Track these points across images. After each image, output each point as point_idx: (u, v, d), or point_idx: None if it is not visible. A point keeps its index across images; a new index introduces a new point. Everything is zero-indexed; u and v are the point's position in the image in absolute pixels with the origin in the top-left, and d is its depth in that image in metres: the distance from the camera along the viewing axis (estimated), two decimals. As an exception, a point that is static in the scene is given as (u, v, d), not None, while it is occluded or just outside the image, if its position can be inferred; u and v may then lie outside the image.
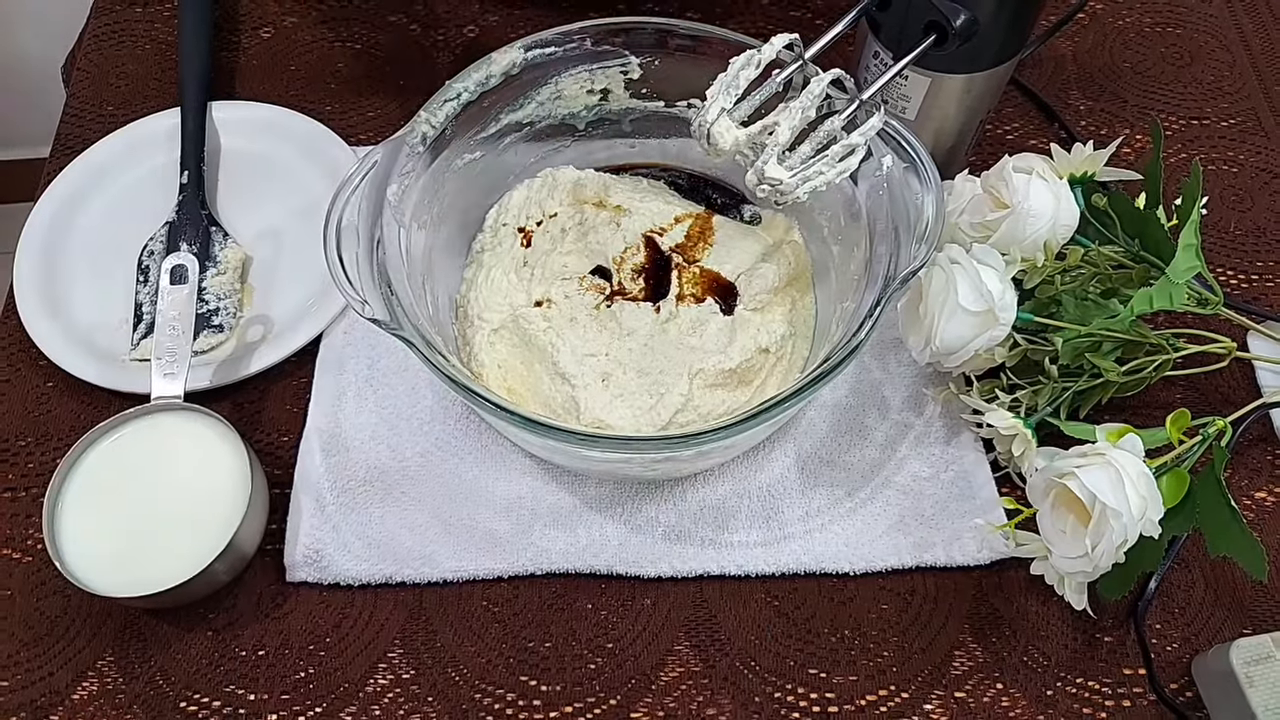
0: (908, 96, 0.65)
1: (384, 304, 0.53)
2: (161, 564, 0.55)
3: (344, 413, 0.64)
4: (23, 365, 0.67)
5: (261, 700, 0.56)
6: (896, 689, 0.57)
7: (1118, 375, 0.58)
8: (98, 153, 0.74)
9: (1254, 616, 0.59)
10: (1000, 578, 0.60)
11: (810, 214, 0.67)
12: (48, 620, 0.59)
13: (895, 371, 0.66)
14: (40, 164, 0.76)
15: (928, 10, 0.57)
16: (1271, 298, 0.71)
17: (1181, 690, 0.57)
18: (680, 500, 0.62)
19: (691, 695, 0.57)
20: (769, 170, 0.53)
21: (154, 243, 0.70)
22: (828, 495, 0.62)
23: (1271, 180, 0.76)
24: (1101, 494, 0.49)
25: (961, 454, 0.63)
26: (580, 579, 0.60)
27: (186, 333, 0.62)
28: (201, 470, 0.58)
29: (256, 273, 0.71)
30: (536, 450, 0.61)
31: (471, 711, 0.56)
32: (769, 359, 0.62)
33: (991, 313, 0.56)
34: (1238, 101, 0.80)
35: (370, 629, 0.59)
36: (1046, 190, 0.58)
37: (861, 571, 0.60)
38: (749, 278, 0.63)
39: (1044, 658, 0.58)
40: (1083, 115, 0.79)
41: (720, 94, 0.54)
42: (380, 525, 0.61)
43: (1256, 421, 0.64)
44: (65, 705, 0.56)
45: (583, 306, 0.61)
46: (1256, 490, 0.63)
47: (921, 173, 0.55)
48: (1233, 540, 0.52)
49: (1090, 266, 0.60)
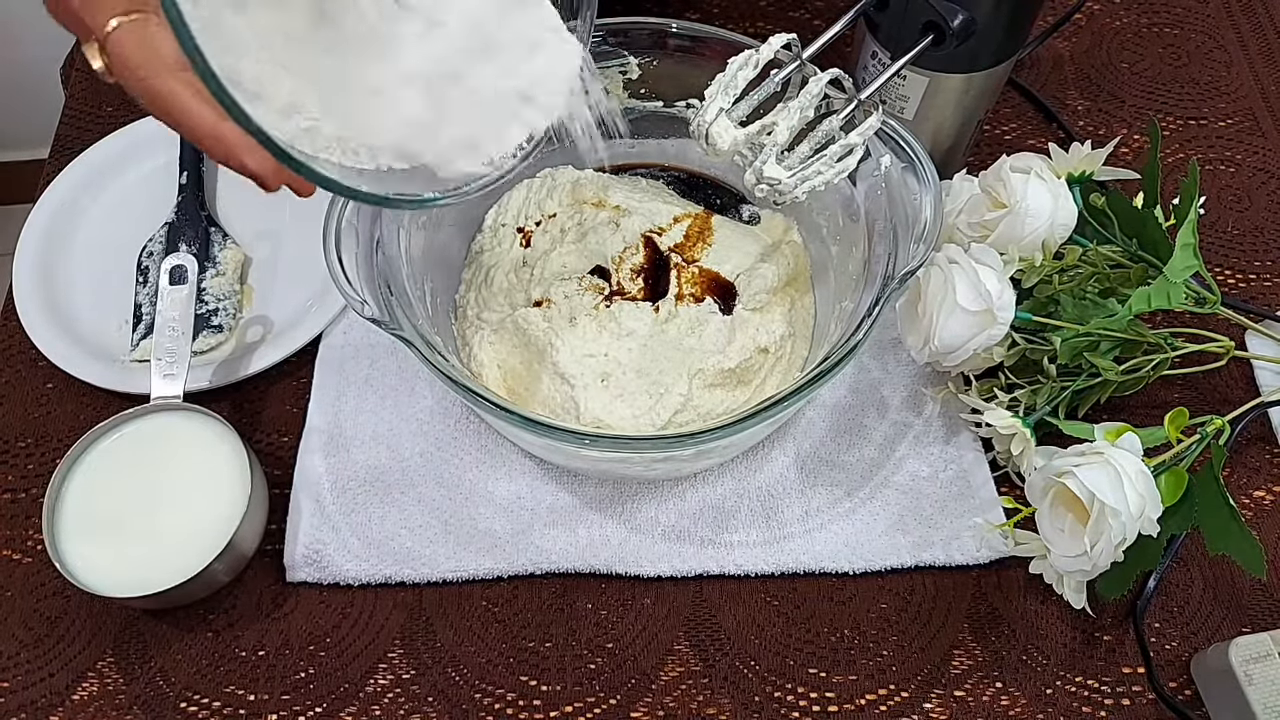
0: (906, 96, 0.65)
1: (383, 304, 0.53)
2: (161, 564, 0.55)
3: (344, 413, 0.64)
4: (22, 366, 0.67)
5: (261, 700, 0.56)
6: (896, 688, 0.57)
7: (1116, 374, 0.58)
8: (97, 154, 0.74)
9: (1253, 615, 0.59)
10: (999, 577, 0.60)
11: (809, 214, 0.67)
12: (48, 621, 0.59)
13: (894, 371, 0.66)
14: (40, 165, 0.76)
15: (926, 10, 0.57)
16: (1269, 297, 0.71)
17: (1181, 689, 0.57)
18: (680, 500, 0.62)
19: (691, 695, 0.57)
20: (767, 170, 0.54)
21: (153, 243, 0.71)
22: (827, 495, 0.62)
23: (1269, 180, 0.76)
24: (1100, 493, 0.50)
25: (960, 453, 0.63)
26: (580, 579, 0.60)
27: (186, 333, 0.62)
28: (201, 470, 0.58)
29: (256, 273, 0.71)
30: (536, 450, 0.62)
31: (471, 711, 0.56)
32: (768, 359, 0.62)
33: (990, 312, 0.56)
34: (1235, 101, 0.80)
35: (370, 629, 0.59)
36: (1044, 190, 0.59)
37: (861, 571, 0.60)
38: (748, 278, 0.63)
39: (1043, 656, 0.58)
40: (1080, 115, 0.79)
41: (718, 94, 0.54)
42: (380, 525, 0.61)
43: (1255, 420, 0.64)
44: (65, 706, 0.56)
45: (582, 306, 0.62)
46: (1255, 489, 0.63)
47: (920, 172, 0.55)
48: (1231, 539, 0.52)
49: (1088, 266, 0.60)
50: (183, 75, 0.39)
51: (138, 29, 0.39)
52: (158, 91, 0.39)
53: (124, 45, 0.39)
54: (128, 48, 0.39)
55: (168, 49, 0.39)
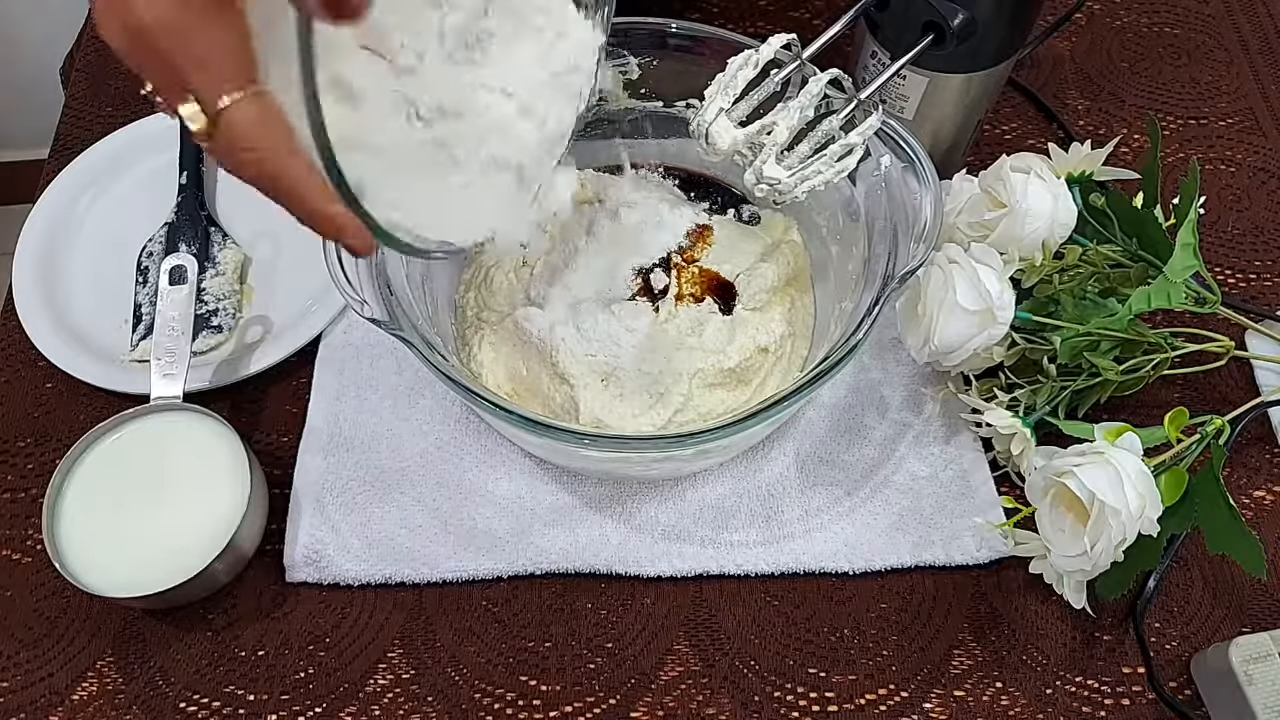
0: (906, 96, 0.65)
1: (383, 304, 0.53)
2: (161, 564, 0.55)
3: (344, 413, 0.64)
4: (22, 366, 0.67)
5: (261, 700, 0.56)
6: (896, 688, 0.57)
7: (1116, 374, 0.58)
8: (97, 153, 0.74)
9: (1253, 615, 0.59)
10: (999, 576, 0.60)
11: (809, 214, 0.67)
12: (47, 620, 0.59)
13: (894, 371, 0.66)
14: (39, 165, 0.76)
15: (926, 10, 0.57)
16: (1269, 296, 0.71)
17: (1181, 689, 0.57)
18: (680, 500, 0.62)
19: (691, 695, 0.57)
20: (767, 170, 0.54)
21: (153, 243, 0.71)
22: (827, 495, 0.62)
23: (1269, 179, 0.76)
24: (1100, 492, 0.50)
25: (960, 453, 0.63)
26: (580, 579, 0.60)
27: (185, 333, 0.62)
28: (201, 470, 0.58)
29: (255, 273, 0.71)
30: (536, 450, 0.62)
31: (471, 711, 0.56)
32: (768, 358, 0.62)
33: (990, 312, 0.56)
34: (1235, 101, 0.80)
35: (370, 629, 0.59)
36: (1044, 190, 0.58)
37: (861, 571, 0.60)
38: (748, 277, 0.63)
39: (1043, 656, 0.58)
40: (1080, 115, 0.79)
41: (718, 94, 0.54)
42: (380, 525, 0.61)
43: (1255, 420, 0.64)
44: (65, 706, 0.56)
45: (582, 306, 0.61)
46: (1255, 489, 0.63)
47: (919, 172, 0.55)
48: (1231, 539, 0.52)
49: (1088, 266, 0.60)
50: (295, 155, 0.38)
51: (254, 108, 0.37)
52: (273, 172, 0.39)
53: (241, 124, 0.37)
54: (244, 126, 0.37)
55: (284, 129, 0.38)
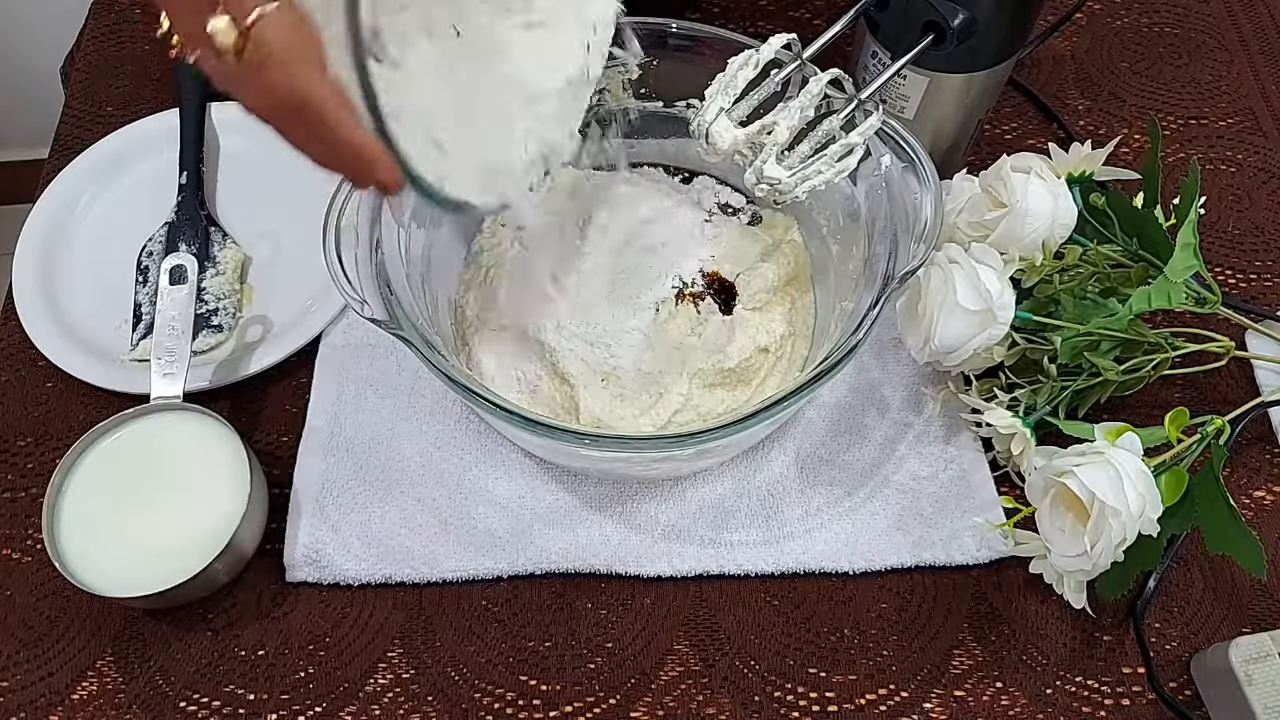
0: (906, 96, 0.65)
1: (383, 304, 0.53)
2: (161, 564, 0.55)
3: (344, 413, 0.64)
4: (22, 365, 0.67)
5: (261, 700, 0.56)
6: (896, 688, 0.57)
7: (1116, 374, 0.58)
8: (97, 153, 0.74)
9: (1253, 615, 0.59)
10: (999, 576, 0.60)
11: (809, 213, 0.67)
12: (47, 620, 0.59)
13: (894, 371, 0.66)
14: (39, 164, 0.76)
15: (926, 10, 0.57)
16: (1270, 297, 0.71)
17: (1181, 689, 0.57)
18: (680, 499, 0.62)
19: (691, 694, 0.57)
20: (767, 170, 0.54)
21: (153, 243, 0.71)
22: (827, 494, 0.62)
23: (1269, 180, 0.76)
24: (1100, 492, 0.50)
25: (960, 453, 0.63)
26: (580, 578, 0.60)
27: (185, 333, 0.62)
28: (200, 470, 0.58)
29: (256, 273, 0.71)
30: (536, 450, 0.62)
31: (471, 711, 0.56)
32: (768, 358, 0.62)
33: (990, 312, 0.56)
34: (1236, 101, 0.80)
35: (370, 629, 0.59)
36: (1045, 190, 0.58)
37: (861, 571, 0.60)
38: (748, 277, 0.63)
39: (1043, 656, 0.58)
40: (1081, 115, 0.79)
41: (719, 94, 0.54)
42: (380, 525, 0.61)
43: (1255, 420, 0.64)
44: (65, 705, 0.56)
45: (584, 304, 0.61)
46: (1255, 489, 0.63)
47: (920, 172, 0.55)
48: (1231, 539, 0.52)
49: (1088, 266, 0.60)
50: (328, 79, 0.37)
51: (288, 19, 0.36)
52: (304, 93, 0.37)
53: (274, 37, 0.36)
54: (278, 36, 0.36)
55: (317, 44, 0.36)
